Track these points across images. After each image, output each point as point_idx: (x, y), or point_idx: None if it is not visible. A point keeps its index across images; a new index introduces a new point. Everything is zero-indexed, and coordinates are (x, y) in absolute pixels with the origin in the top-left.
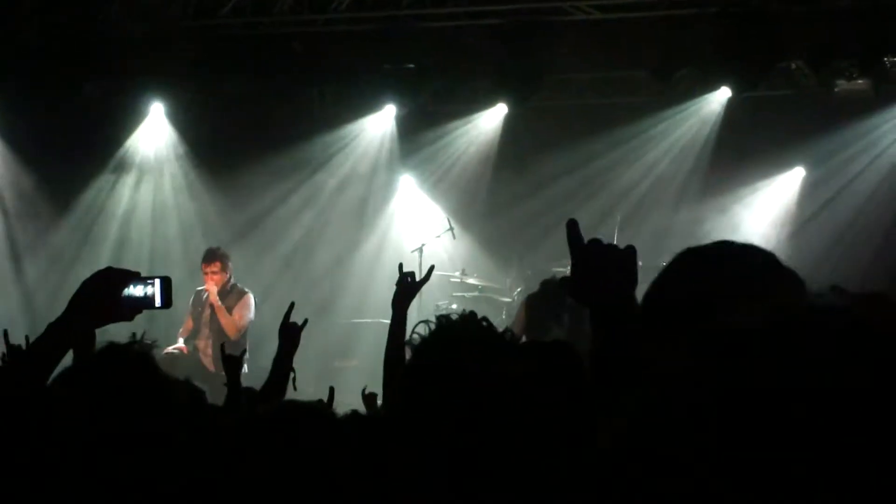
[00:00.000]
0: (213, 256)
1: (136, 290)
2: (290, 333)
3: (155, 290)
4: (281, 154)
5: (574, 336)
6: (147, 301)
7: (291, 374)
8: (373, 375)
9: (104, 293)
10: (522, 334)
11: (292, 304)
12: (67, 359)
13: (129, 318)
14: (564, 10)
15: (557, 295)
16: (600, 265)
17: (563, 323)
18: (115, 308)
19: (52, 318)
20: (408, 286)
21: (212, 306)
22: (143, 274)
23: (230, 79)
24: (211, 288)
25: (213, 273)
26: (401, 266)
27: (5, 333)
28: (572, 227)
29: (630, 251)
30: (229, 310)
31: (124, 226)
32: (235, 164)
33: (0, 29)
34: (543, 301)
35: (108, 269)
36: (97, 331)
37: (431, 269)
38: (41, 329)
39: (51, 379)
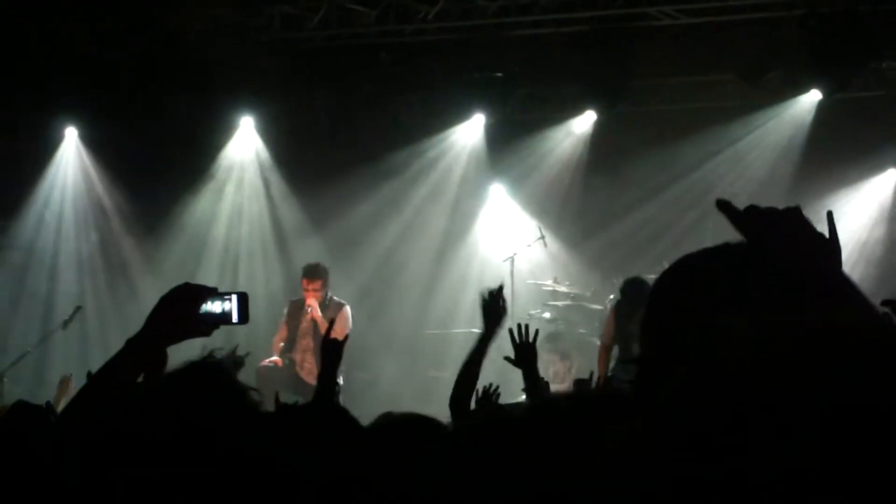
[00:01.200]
0: (315, 273)
1: (213, 306)
2: (332, 348)
3: (232, 305)
4: (370, 164)
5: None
6: (224, 317)
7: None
8: None
9: (181, 309)
10: (612, 341)
11: (332, 322)
12: None
13: (207, 333)
14: (651, 16)
15: (633, 294)
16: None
17: (635, 321)
18: (193, 324)
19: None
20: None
21: (312, 320)
22: (224, 289)
23: (318, 91)
24: (314, 304)
25: (316, 290)
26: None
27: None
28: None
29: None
30: (330, 324)
31: (217, 238)
32: (325, 175)
33: (87, 48)
34: (625, 304)
35: (185, 285)
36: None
37: (534, 333)
38: None
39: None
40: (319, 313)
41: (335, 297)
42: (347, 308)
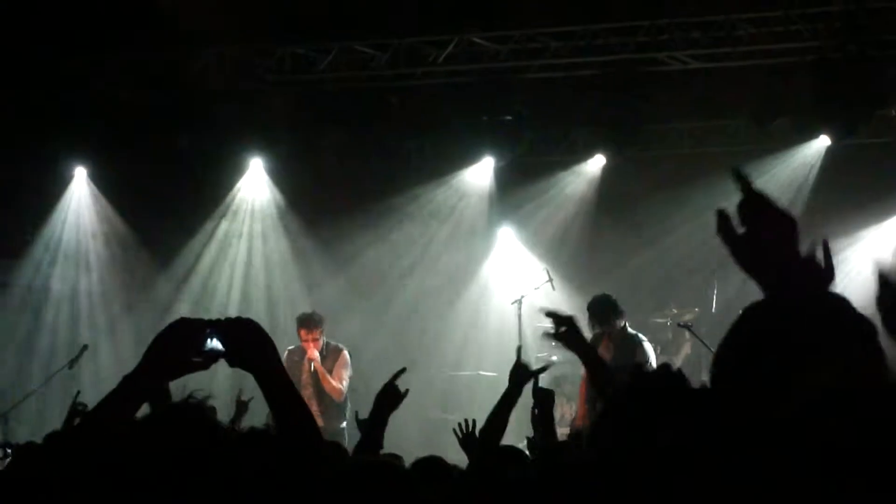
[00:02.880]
0: (313, 323)
1: (212, 341)
2: (393, 397)
3: None
4: (379, 207)
5: None
6: (221, 352)
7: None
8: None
9: (178, 345)
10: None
11: (402, 370)
12: None
13: (205, 367)
14: (661, 61)
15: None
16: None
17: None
18: (190, 359)
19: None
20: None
21: (313, 370)
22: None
23: (327, 133)
24: (314, 356)
25: (315, 340)
26: (519, 350)
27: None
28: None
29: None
30: (329, 372)
31: (221, 277)
32: (335, 218)
33: (97, 86)
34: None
35: (182, 320)
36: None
37: (520, 349)
38: None
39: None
40: (321, 365)
41: (331, 343)
42: (346, 353)
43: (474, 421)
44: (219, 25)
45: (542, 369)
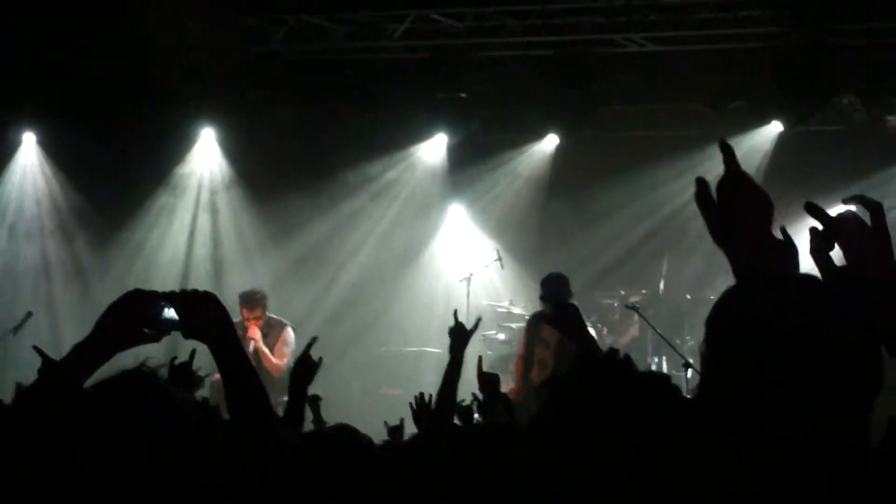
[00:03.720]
0: (254, 302)
1: (164, 312)
2: (307, 368)
3: None
4: (331, 181)
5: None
6: (176, 323)
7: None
8: None
9: (131, 315)
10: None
11: (313, 340)
12: None
13: (157, 339)
14: (617, 42)
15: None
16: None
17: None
18: (142, 330)
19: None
20: (461, 334)
21: (252, 349)
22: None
23: (282, 105)
24: (256, 334)
25: (257, 318)
26: (455, 312)
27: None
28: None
29: None
30: (271, 349)
31: (175, 249)
32: (285, 190)
33: (52, 55)
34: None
35: (136, 291)
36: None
37: (479, 320)
38: None
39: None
40: (262, 345)
41: (274, 317)
42: (289, 329)
43: (430, 395)
44: None
45: (476, 325)
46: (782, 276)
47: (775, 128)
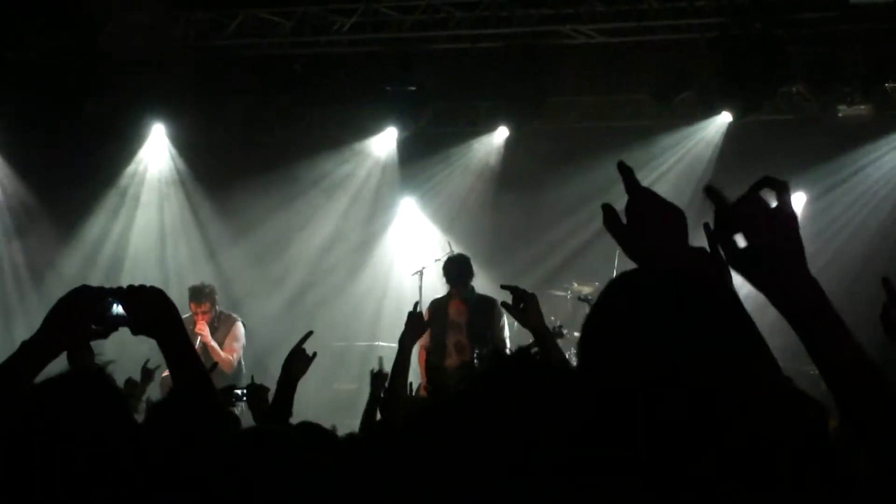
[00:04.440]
0: (202, 296)
1: (112, 308)
2: (301, 361)
3: None
4: (281, 175)
5: None
6: (124, 319)
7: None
8: None
9: (79, 311)
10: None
11: (309, 333)
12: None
13: (105, 336)
14: (565, 34)
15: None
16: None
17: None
18: (90, 326)
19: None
20: (416, 325)
21: (203, 342)
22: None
23: (231, 100)
24: (204, 329)
25: (205, 313)
26: (416, 305)
27: None
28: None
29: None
30: (220, 344)
31: (124, 245)
32: (235, 185)
33: (0, 50)
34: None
35: (84, 287)
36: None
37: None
38: None
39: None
40: (210, 339)
41: (224, 312)
42: (239, 324)
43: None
44: None
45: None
46: (664, 271)
47: (724, 118)
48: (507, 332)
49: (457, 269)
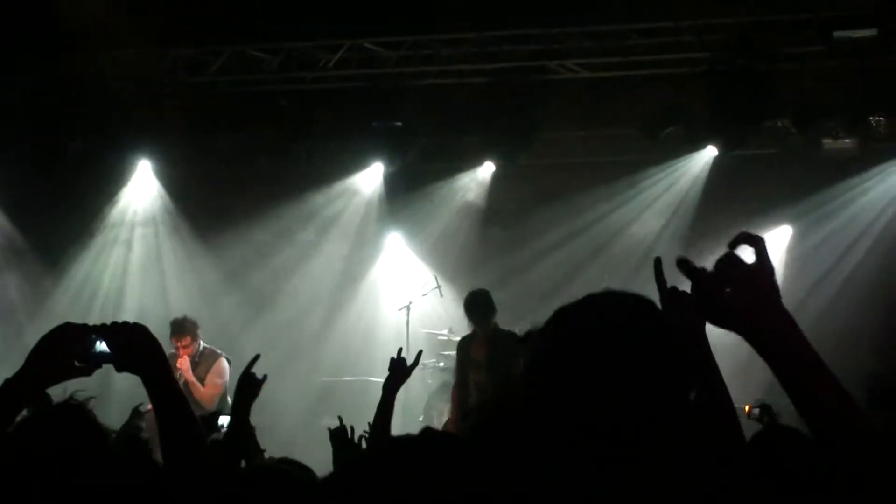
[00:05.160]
0: (182, 330)
1: (96, 346)
2: (249, 385)
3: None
4: (268, 211)
5: None
6: (108, 356)
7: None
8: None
9: (61, 349)
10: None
11: (256, 357)
12: None
13: (88, 373)
14: (551, 69)
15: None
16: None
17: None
18: (73, 364)
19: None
20: (400, 371)
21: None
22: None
23: (218, 136)
24: (184, 365)
25: (185, 347)
26: (399, 350)
27: None
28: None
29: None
30: (201, 379)
31: (111, 281)
32: (222, 220)
33: None
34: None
35: (66, 325)
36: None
37: (419, 354)
38: None
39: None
40: (191, 375)
41: (209, 348)
42: (223, 360)
43: (351, 427)
44: (111, 28)
45: (416, 361)
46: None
47: (710, 152)
48: None
49: (478, 306)
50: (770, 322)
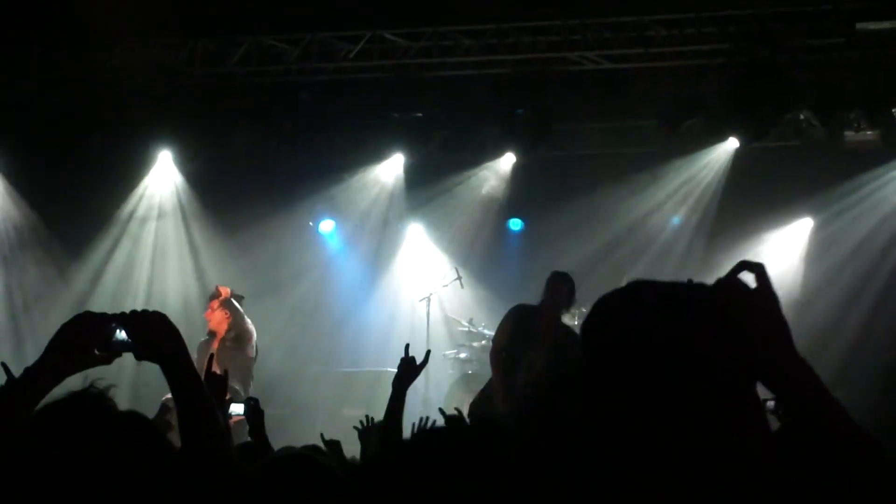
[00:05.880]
0: (210, 298)
1: (119, 334)
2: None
3: None
4: (288, 201)
5: None
6: (126, 344)
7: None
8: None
9: (80, 338)
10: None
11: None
12: None
13: (108, 362)
14: (573, 60)
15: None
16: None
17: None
18: (92, 353)
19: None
20: (409, 369)
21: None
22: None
23: (238, 127)
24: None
25: (210, 311)
26: (407, 347)
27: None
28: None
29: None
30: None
31: (134, 271)
32: (242, 212)
33: (6, 83)
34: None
35: (86, 313)
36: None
37: (428, 353)
38: None
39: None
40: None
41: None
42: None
43: (372, 418)
44: (131, 20)
45: (425, 360)
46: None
47: (731, 144)
48: None
49: (570, 289)
50: (779, 355)
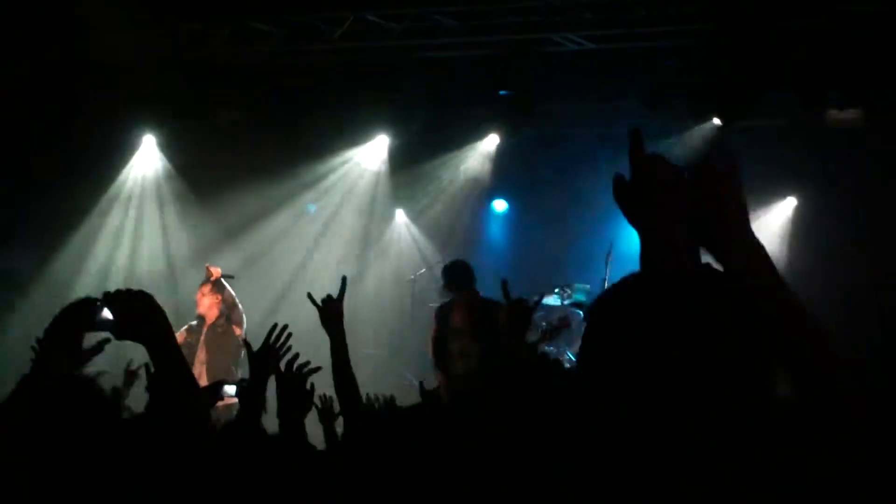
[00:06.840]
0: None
1: (102, 313)
2: (266, 359)
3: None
4: (273, 183)
5: None
6: (110, 323)
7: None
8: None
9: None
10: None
11: (275, 326)
12: None
13: (99, 351)
14: (555, 41)
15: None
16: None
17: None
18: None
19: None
20: (330, 308)
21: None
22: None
23: (222, 110)
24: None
25: (202, 295)
26: (343, 279)
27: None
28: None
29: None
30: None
31: (117, 255)
32: (227, 194)
33: None
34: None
35: (87, 299)
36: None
37: (344, 279)
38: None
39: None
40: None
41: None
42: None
43: (330, 396)
44: (115, 3)
45: (342, 291)
46: (679, 271)
47: (714, 124)
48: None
49: (458, 274)
50: (735, 234)
